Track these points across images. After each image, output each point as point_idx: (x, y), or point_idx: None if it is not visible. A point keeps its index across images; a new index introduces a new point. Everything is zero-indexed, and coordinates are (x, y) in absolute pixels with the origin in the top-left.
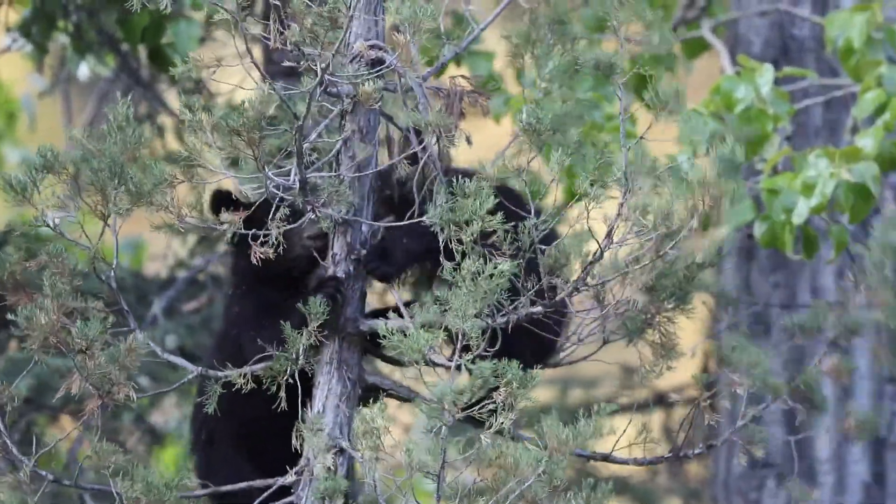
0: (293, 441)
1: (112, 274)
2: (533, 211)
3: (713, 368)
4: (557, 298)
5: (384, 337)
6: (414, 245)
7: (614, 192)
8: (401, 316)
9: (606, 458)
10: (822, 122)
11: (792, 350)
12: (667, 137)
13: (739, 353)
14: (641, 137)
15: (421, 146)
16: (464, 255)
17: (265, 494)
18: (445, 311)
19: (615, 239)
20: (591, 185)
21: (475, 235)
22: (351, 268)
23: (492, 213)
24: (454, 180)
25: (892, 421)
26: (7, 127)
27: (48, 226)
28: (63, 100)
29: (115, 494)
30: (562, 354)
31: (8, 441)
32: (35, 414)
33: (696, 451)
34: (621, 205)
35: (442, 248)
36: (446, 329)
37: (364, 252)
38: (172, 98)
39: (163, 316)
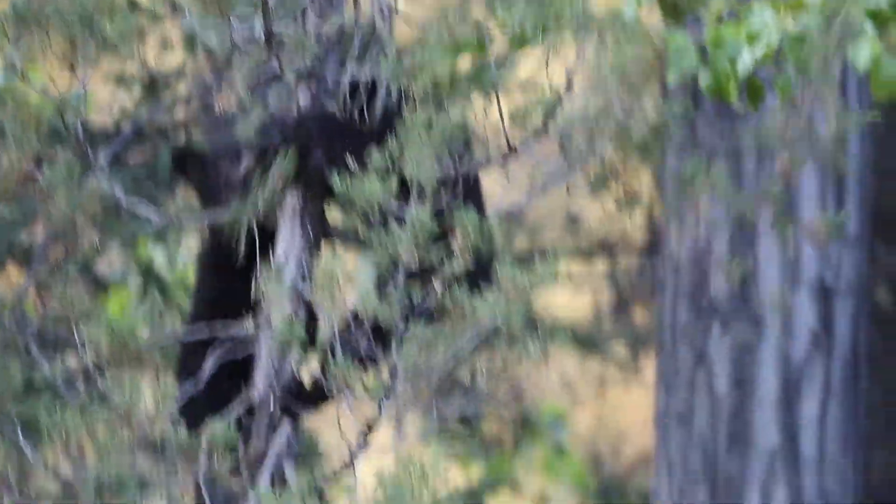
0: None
1: (79, 123)
2: (493, 62)
3: (658, 216)
4: (519, 149)
5: (336, 186)
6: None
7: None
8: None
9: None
10: None
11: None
12: None
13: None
14: None
15: None
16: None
17: (226, 344)
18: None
19: (574, 90)
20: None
21: (427, 85)
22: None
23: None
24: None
25: (839, 268)
26: None
27: (17, 74)
28: None
29: (77, 341)
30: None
31: None
32: None
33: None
34: (579, 52)
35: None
36: (402, 179)
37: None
38: None
39: (108, 167)
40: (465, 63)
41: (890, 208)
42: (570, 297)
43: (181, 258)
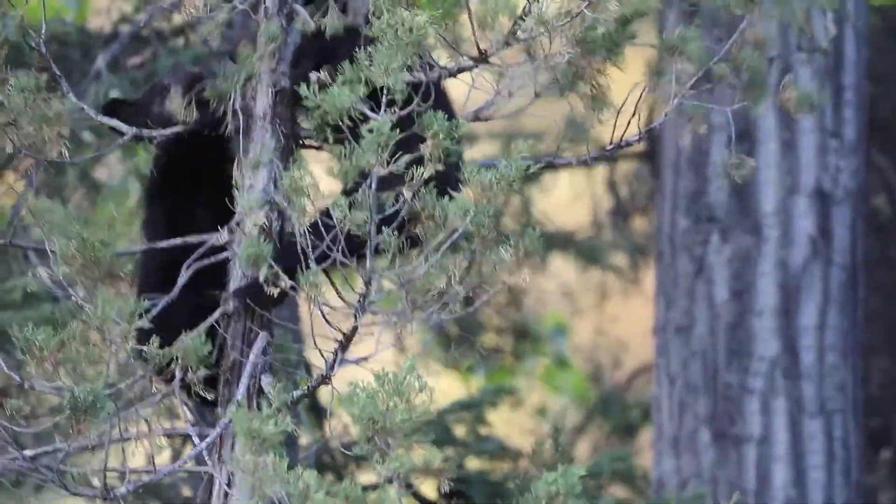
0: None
1: (42, 38)
2: None
3: (655, 118)
4: (488, 54)
5: (305, 97)
6: None
7: None
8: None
9: (551, 164)
10: None
11: None
12: None
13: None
14: None
15: None
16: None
17: (199, 251)
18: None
19: None
20: None
21: None
22: (283, 22)
23: None
24: None
25: (837, 175)
26: None
27: None
28: None
29: (49, 252)
30: (493, 108)
31: None
32: None
33: (634, 139)
34: None
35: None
36: (369, 85)
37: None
38: None
39: (107, 70)
40: None
41: (887, 115)
42: (569, 206)
43: None
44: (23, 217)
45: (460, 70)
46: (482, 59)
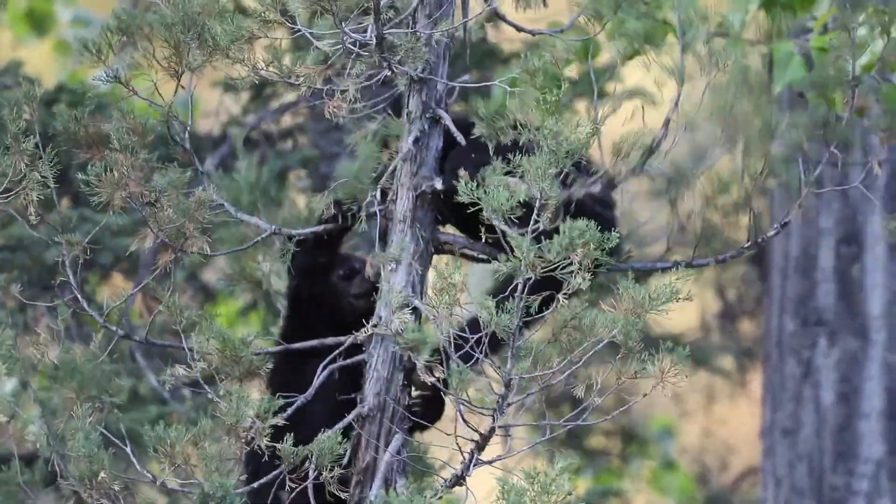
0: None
1: (186, 134)
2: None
3: (764, 224)
4: (617, 181)
5: (463, 193)
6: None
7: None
8: None
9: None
10: None
11: None
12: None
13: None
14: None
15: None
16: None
17: (336, 352)
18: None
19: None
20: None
21: (557, 97)
22: (426, 126)
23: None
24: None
25: None
26: None
27: (121, 82)
28: None
29: (186, 350)
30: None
31: (79, 295)
32: (86, 272)
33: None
34: (679, 94)
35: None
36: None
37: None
38: None
39: (215, 172)
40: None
41: None
42: (677, 307)
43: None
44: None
45: (591, 189)
46: (611, 186)
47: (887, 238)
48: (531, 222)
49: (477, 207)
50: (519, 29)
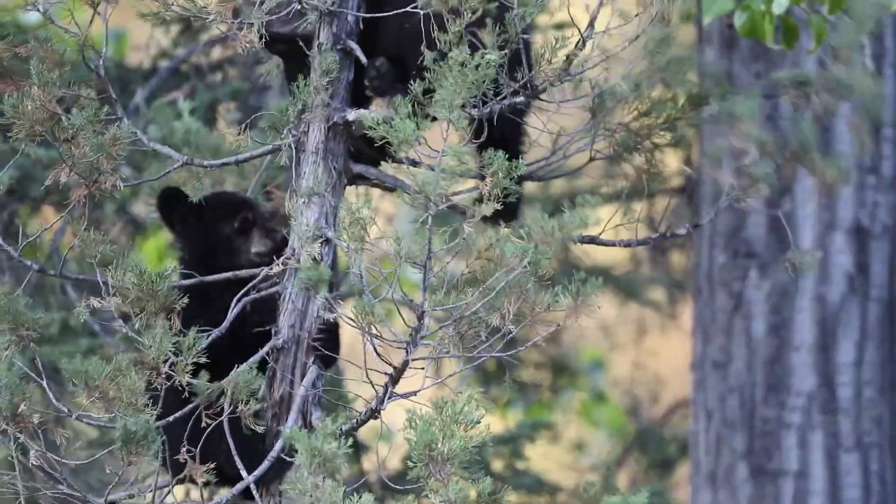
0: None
1: (101, 62)
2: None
3: (696, 158)
4: (540, 88)
5: (370, 128)
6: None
7: None
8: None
9: (593, 240)
10: None
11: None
12: None
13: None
14: None
15: None
16: (449, 47)
17: (250, 285)
18: (429, 101)
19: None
20: None
21: (463, 24)
22: (337, 58)
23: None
24: None
25: (874, 211)
26: None
27: (38, 10)
28: None
29: (101, 284)
30: (548, 168)
31: None
32: (17, 205)
33: (681, 231)
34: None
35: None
36: (431, 119)
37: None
38: None
39: (145, 106)
40: None
41: None
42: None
43: None
44: (61, 250)
45: (513, 106)
46: (534, 94)
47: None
48: (440, 155)
49: (385, 140)
50: None
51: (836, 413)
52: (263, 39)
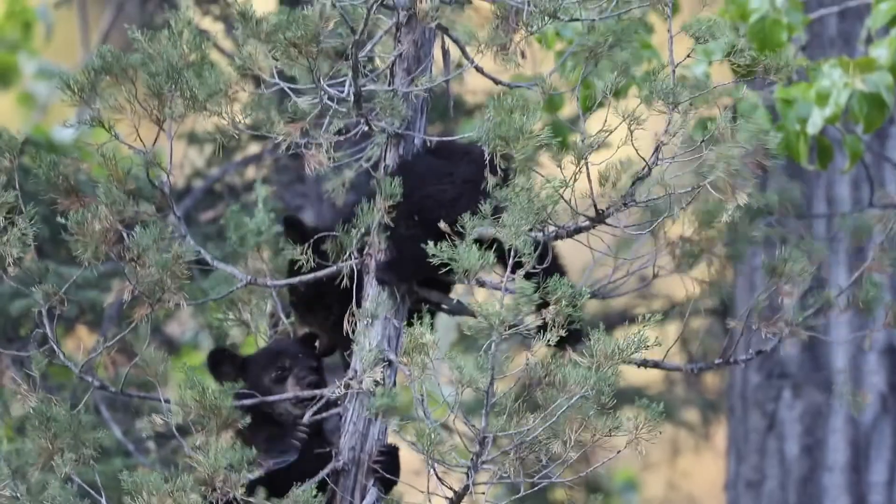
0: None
1: (167, 179)
2: (583, 127)
3: (730, 278)
4: (607, 212)
5: (433, 255)
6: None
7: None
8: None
9: (657, 364)
10: (836, 32)
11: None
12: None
13: (791, 263)
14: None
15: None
16: (506, 174)
17: (314, 407)
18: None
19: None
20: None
21: (525, 151)
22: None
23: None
24: (499, 97)
25: None
26: (23, 37)
27: (105, 128)
28: (79, 10)
29: (162, 401)
30: (610, 285)
31: (56, 347)
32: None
33: (743, 357)
34: (669, 121)
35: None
36: (494, 248)
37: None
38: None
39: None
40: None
41: None
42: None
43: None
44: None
45: (578, 230)
46: (599, 218)
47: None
48: (505, 279)
49: (449, 268)
50: (497, 82)
51: None
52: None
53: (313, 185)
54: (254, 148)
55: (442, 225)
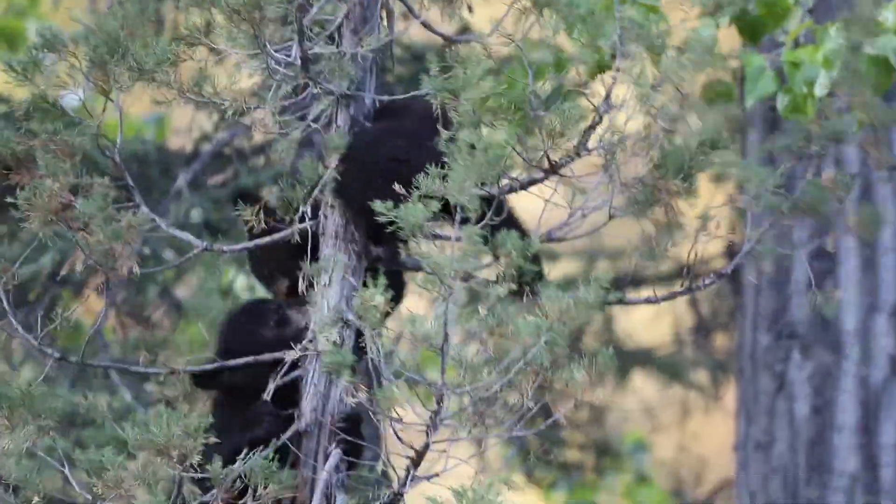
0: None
1: (116, 149)
2: (531, 77)
3: (738, 241)
4: (559, 165)
5: (379, 212)
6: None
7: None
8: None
9: (621, 301)
10: None
11: None
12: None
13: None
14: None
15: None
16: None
17: (277, 370)
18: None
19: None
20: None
21: (472, 104)
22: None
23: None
24: (441, 50)
25: None
26: (30, 3)
27: (48, 103)
28: None
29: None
30: (566, 228)
31: (12, 319)
32: (59, 288)
33: (708, 281)
34: (617, 68)
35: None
36: (444, 201)
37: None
38: None
39: (188, 189)
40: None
41: None
42: (650, 322)
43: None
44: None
45: (531, 182)
46: (553, 170)
47: (861, 252)
48: (453, 236)
49: (396, 226)
50: (443, 37)
51: (878, 494)
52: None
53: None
54: (261, 113)
55: (397, 186)
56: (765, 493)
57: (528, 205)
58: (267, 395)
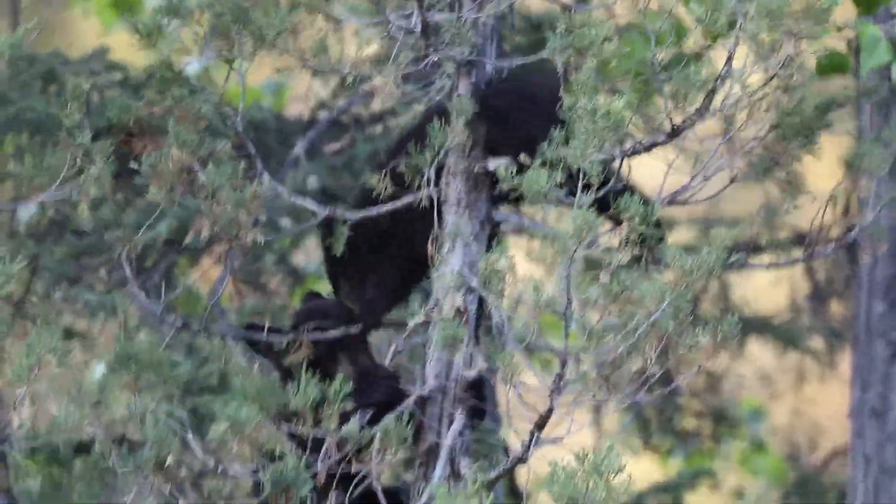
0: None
1: (238, 119)
2: (653, 43)
3: (853, 209)
4: (681, 128)
5: (503, 178)
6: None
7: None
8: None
9: (742, 265)
10: None
11: None
12: None
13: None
14: None
15: None
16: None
17: (403, 335)
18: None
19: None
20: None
21: (597, 63)
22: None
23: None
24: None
25: None
26: None
27: (172, 71)
28: None
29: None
30: (687, 193)
31: (135, 288)
32: (176, 256)
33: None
34: (736, 35)
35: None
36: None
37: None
38: None
39: (305, 157)
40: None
41: None
42: (767, 289)
43: None
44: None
45: (653, 145)
46: (675, 133)
47: None
48: (575, 203)
49: (519, 192)
50: (564, 6)
51: None
52: None
53: None
54: (381, 81)
55: (522, 157)
56: (879, 459)
57: (647, 171)
58: (386, 360)
